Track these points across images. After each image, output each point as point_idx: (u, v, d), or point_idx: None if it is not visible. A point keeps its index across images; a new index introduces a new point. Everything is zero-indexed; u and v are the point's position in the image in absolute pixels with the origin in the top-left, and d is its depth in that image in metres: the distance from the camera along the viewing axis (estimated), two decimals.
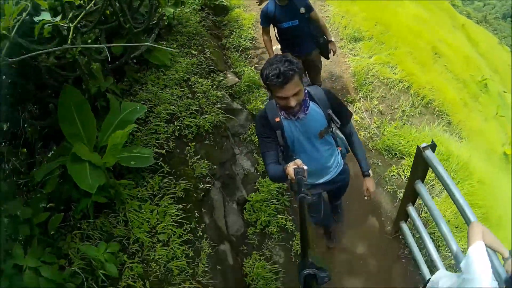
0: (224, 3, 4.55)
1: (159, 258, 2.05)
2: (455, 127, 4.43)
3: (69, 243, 2.03)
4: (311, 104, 1.66)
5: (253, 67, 3.77)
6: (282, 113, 1.65)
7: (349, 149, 1.96)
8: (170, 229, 2.15)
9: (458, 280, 1.45)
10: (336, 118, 1.71)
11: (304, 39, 2.96)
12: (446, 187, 1.83)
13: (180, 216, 2.20)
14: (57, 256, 1.96)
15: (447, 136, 3.98)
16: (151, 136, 2.62)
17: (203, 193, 2.43)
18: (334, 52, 3.11)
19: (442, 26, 7.43)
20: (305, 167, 1.31)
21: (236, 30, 4.31)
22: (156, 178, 2.37)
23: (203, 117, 2.84)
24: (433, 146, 1.84)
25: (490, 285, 1.29)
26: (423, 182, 2.11)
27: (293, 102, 1.51)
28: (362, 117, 3.45)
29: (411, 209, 2.35)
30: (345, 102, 3.56)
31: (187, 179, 2.40)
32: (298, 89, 1.50)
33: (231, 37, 4.08)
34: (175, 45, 3.41)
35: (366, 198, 2.01)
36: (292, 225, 2.69)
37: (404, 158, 3.24)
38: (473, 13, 16.07)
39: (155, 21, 3.09)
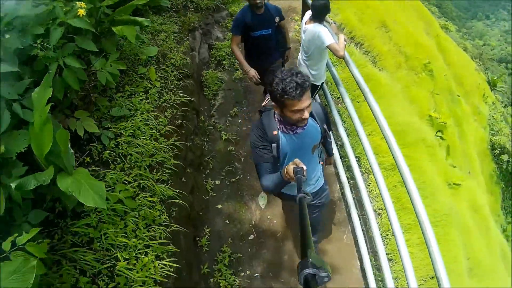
0: None
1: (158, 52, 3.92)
2: (383, 70, 5.98)
3: None
4: (309, 119, 1.68)
5: None
6: (281, 127, 1.66)
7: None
8: (171, 40, 4.05)
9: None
10: (329, 133, 1.79)
11: (273, 48, 3.06)
12: None
13: (175, 34, 4.10)
14: None
15: (371, 66, 5.56)
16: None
17: (191, 28, 4.37)
18: (288, 58, 3.41)
19: (410, 22, 8.10)
20: (304, 167, 1.34)
21: None
22: (161, 17, 4.31)
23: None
24: None
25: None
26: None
27: (307, 114, 1.52)
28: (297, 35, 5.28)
29: None
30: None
31: (183, 21, 4.33)
32: (310, 100, 1.52)
33: None
34: None
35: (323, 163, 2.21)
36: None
37: None
38: (471, 48, 17.45)
39: None
